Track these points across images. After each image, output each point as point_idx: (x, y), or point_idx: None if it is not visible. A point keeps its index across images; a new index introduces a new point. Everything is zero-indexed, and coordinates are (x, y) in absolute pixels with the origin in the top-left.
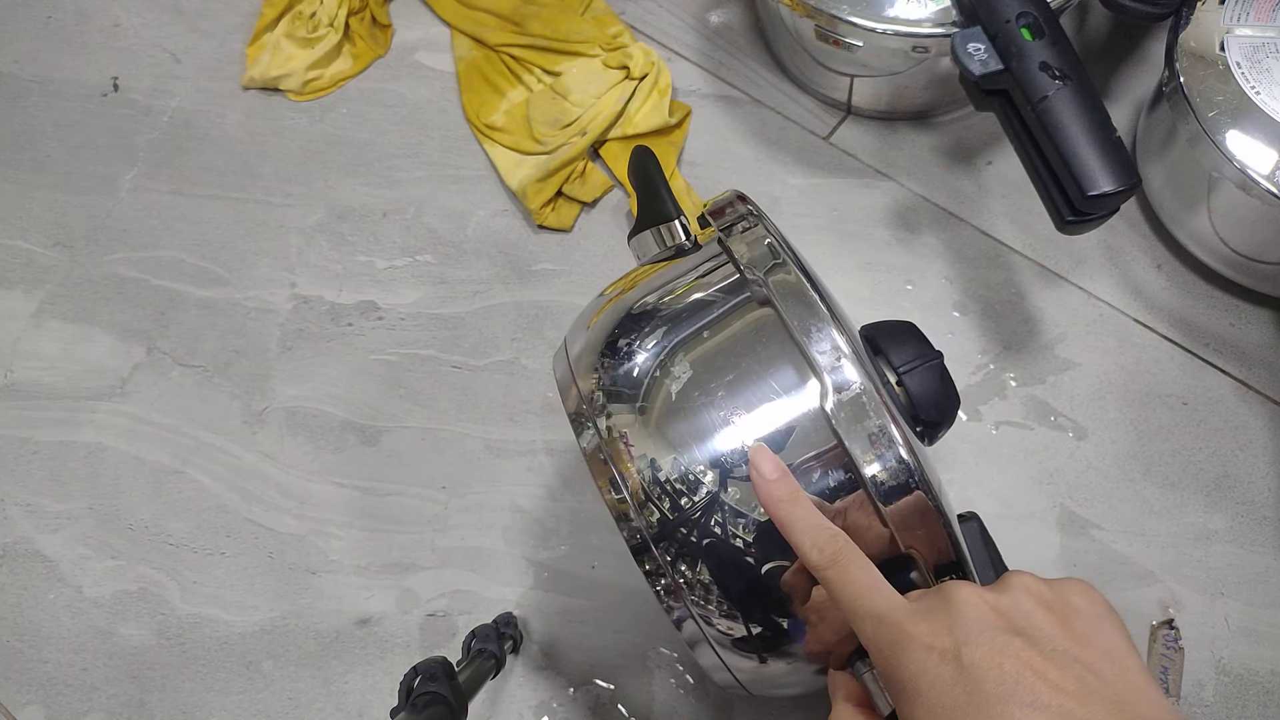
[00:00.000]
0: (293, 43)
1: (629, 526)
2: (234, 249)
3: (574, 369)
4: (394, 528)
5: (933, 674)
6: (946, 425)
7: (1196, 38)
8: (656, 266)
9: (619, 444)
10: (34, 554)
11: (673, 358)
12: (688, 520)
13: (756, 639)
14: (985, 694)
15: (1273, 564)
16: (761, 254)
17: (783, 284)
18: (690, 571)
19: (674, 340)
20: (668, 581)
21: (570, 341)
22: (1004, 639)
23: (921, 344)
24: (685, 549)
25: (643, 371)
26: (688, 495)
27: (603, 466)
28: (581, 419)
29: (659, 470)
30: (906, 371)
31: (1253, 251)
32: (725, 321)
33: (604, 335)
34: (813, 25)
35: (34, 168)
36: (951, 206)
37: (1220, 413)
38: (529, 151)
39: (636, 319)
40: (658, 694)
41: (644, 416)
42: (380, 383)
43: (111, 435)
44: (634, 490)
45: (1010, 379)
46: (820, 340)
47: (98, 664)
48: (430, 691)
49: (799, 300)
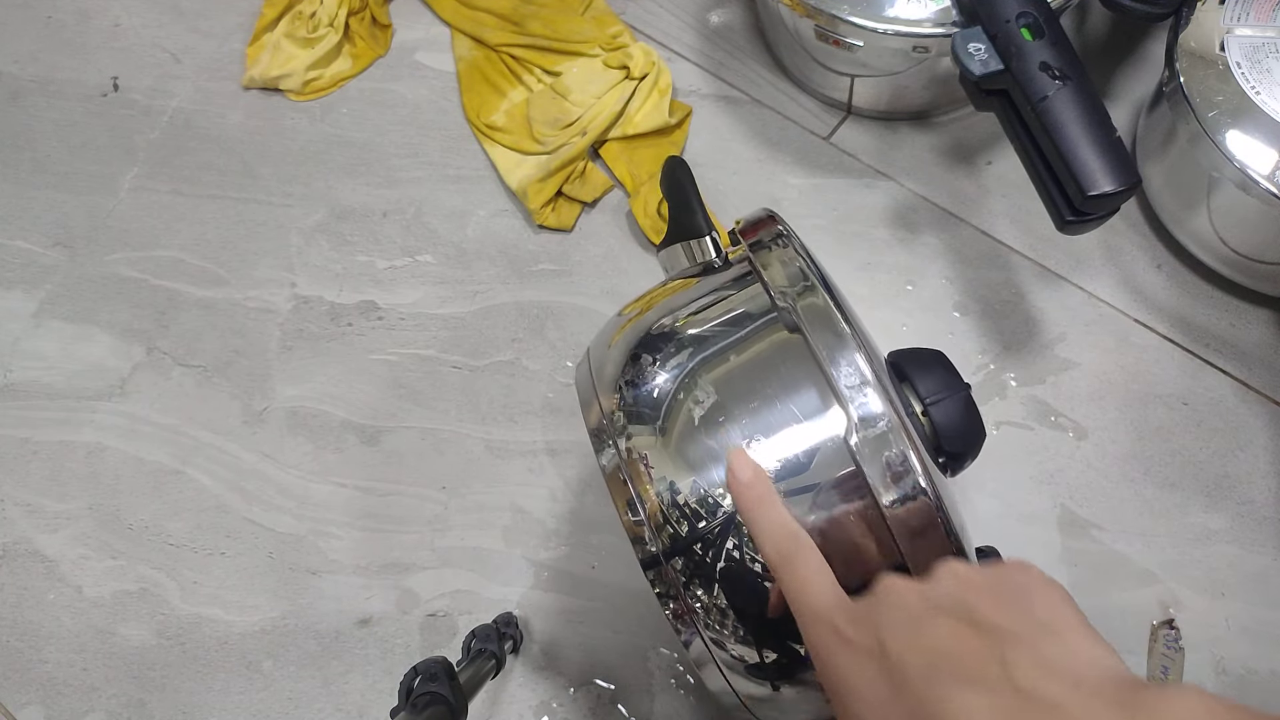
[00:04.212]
0: (293, 43)
1: (644, 549)
2: (234, 249)
3: (596, 385)
4: (394, 528)
5: (858, 671)
6: (971, 457)
7: (1196, 38)
8: (684, 283)
9: (639, 465)
10: (34, 554)
11: (696, 380)
12: (704, 543)
13: (770, 666)
14: (911, 681)
15: (1273, 564)
16: (791, 275)
17: (811, 308)
18: (706, 596)
19: (698, 361)
20: (678, 605)
21: (593, 356)
22: (928, 622)
23: (950, 374)
24: (700, 572)
25: (664, 393)
26: (706, 519)
27: (622, 487)
28: (602, 436)
29: (678, 493)
30: (933, 403)
31: (1252, 251)
32: (751, 344)
33: (627, 353)
34: (813, 25)
35: (34, 168)
36: (951, 206)
37: (1220, 413)
38: (529, 151)
39: (661, 338)
40: (658, 694)
41: (664, 438)
42: (380, 383)
43: (111, 435)
44: (652, 513)
45: (1010, 379)
46: (847, 368)
47: (98, 664)
48: (430, 691)
49: (827, 326)
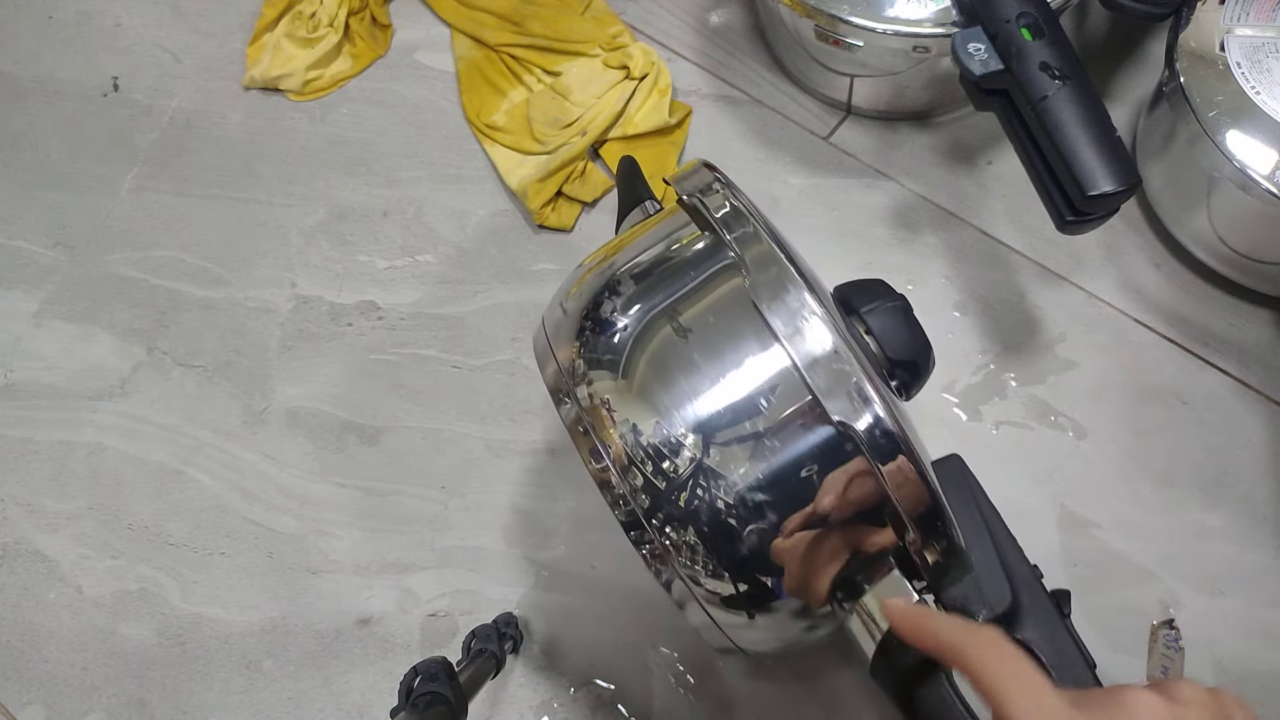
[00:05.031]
0: (293, 43)
1: (612, 493)
2: (234, 249)
3: (552, 342)
4: (394, 528)
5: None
6: (921, 376)
7: (1196, 38)
8: (633, 234)
9: (601, 410)
10: (34, 554)
11: (651, 321)
12: (671, 483)
13: (744, 597)
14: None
15: (1272, 563)
16: (729, 215)
17: (747, 241)
18: (676, 534)
19: (651, 303)
20: (654, 545)
21: (548, 317)
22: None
23: (886, 289)
24: (670, 512)
25: (622, 336)
26: (670, 458)
27: (584, 437)
28: (561, 392)
29: (641, 435)
30: (868, 312)
31: (1252, 251)
32: (700, 284)
33: (582, 304)
34: (813, 25)
35: (34, 168)
36: (951, 206)
37: (1219, 412)
38: (529, 151)
39: (613, 285)
40: (658, 694)
41: (625, 380)
42: (380, 383)
43: (112, 435)
44: (616, 457)
45: (1010, 379)
46: (790, 299)
47: (98, 664)
48: (430, 691)
49: (766, 260)
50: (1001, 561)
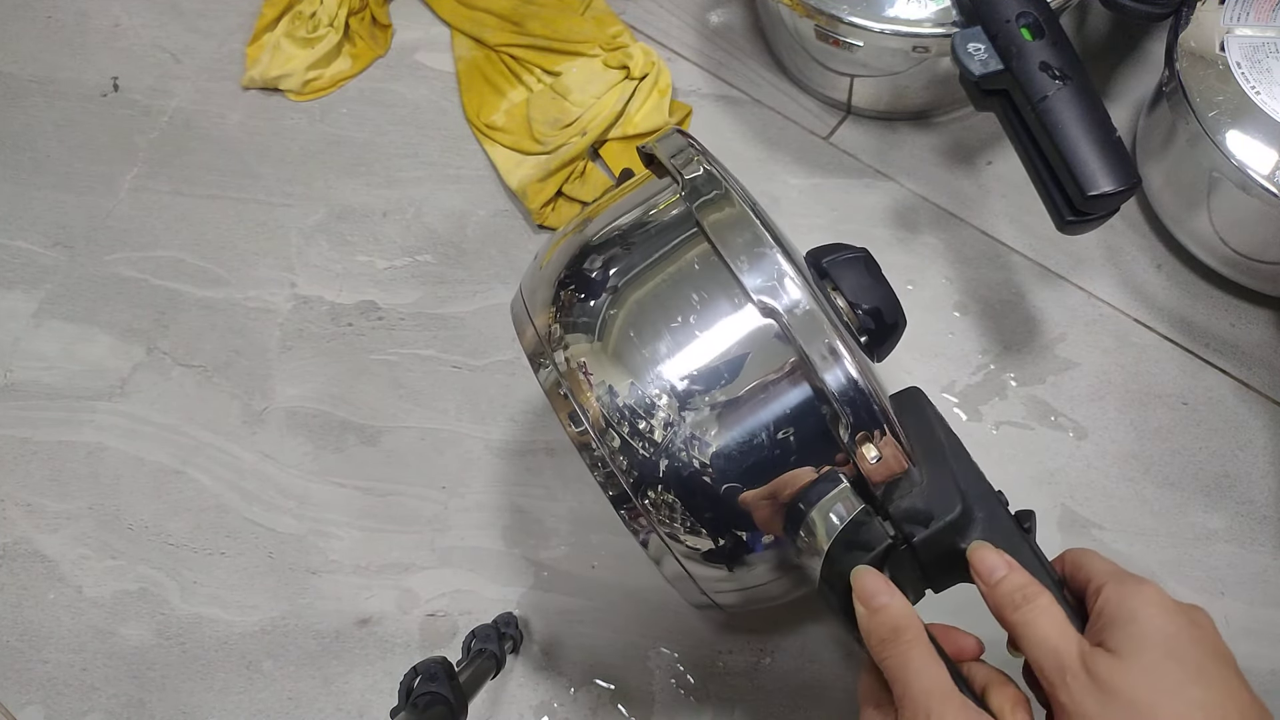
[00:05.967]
0: (293, 43)
1: (591, 455)
2: (234, 249)
3: (529, 309)
4: (394, 528)
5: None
6: (888, 327)
7: (1196, 38)
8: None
9: (578, 374)
10: (34, 554)
11: (626, 283)
12: (647, 442)
13: (721, 551)
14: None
15: (1272, 563)
16: (701, 179)
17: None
18: (654, 493)
19: (626, 265)
20: (632, 505)
21: (525, 284)
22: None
23: (850, 247)
24: (648, 472)
25: (598, 300)
26: (646, 418)
27: (563, 401)
28: (539, 358)
29: (617, 396)
30: (831, 263)
31: (1252, 251)
32: (673, 247)
33: (559, 269)
34: (813, 25)
35: (34, 168)
36: (951, 206)
37: (1220, 412)
38: (529, 151)
39: (590, 249)
40: (658, 694)
41: (601, 343)
42: (380, 383)
43: (111, 435)
44: (594, 419)
45: (1010, 379)
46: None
47: (98, 664)
48: (430, 691)
49: (737, 221)
50: (955, 478)
